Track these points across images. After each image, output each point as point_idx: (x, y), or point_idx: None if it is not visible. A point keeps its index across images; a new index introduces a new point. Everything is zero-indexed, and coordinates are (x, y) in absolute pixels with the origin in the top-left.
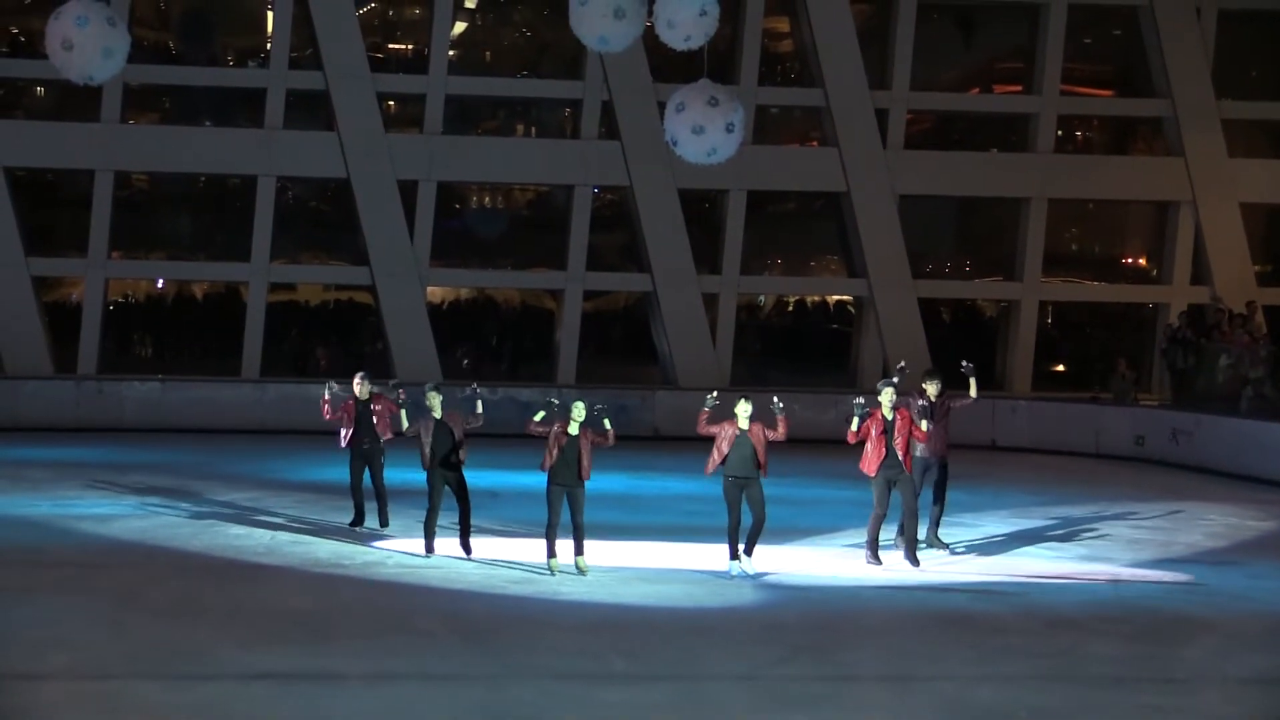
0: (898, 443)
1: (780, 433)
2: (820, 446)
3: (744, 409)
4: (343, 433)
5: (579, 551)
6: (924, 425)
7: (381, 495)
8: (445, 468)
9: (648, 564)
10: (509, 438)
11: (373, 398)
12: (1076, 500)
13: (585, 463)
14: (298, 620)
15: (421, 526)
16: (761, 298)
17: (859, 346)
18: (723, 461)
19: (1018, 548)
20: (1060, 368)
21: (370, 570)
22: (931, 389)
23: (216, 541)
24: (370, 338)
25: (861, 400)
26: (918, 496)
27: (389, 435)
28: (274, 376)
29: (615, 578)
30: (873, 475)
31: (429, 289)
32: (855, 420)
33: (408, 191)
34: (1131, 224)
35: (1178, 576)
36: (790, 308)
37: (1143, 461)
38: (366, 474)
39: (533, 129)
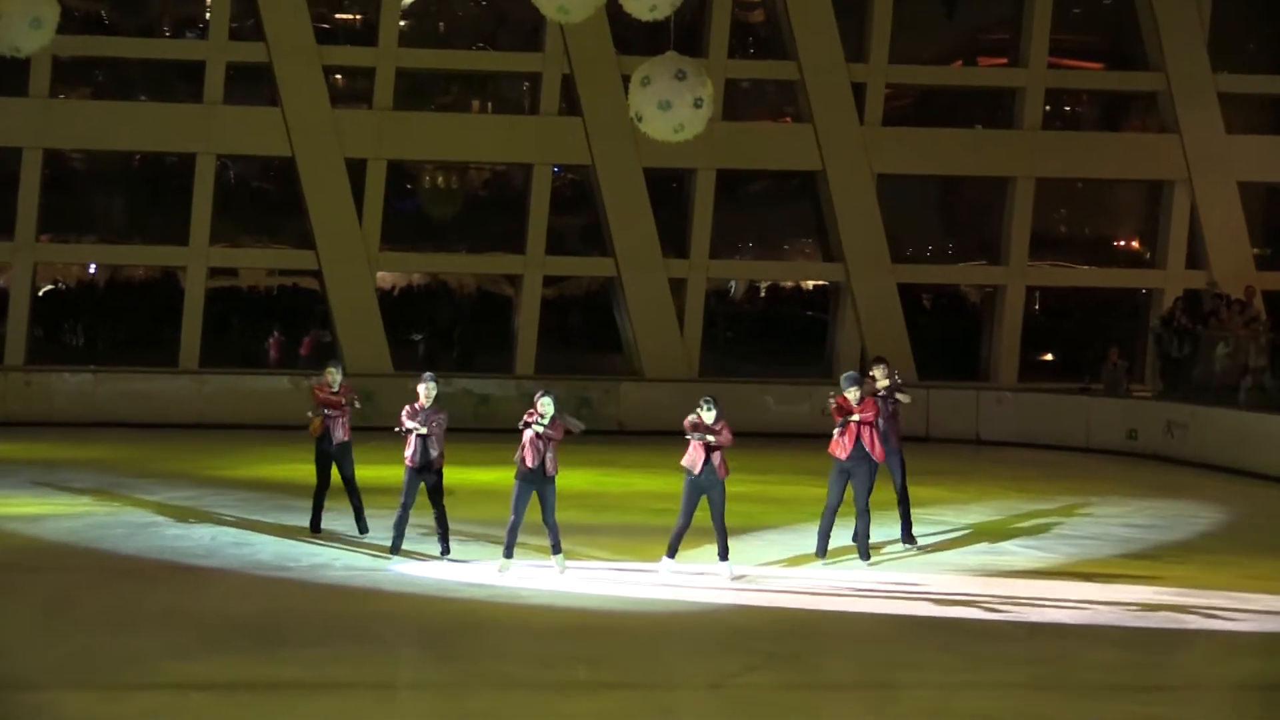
0: (864, 434)
1: (723, 438)
2: (794, 441)
3: (707, 414)
4: (326, 415)
5: (556, 550)
6: (904, 398)
7: (356, 499)
8: (421, 470)
9: (612, 566)
10: (463, 432)
11: (341, 389)
12: (1065, 497)
13: (550, 457)
14: (240, 626)
15: (391, 525)
16: (732, 283)
17: (835, 335)
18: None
19: (1002, 548)
20: (1048, 357)
21: (318, 573)
22: (880, 375)
23: (153, 543)
24: (317, 326)
25: (832, 394)
26: (870, 492)
27: (346, 435)
28: (214, 368)
29: (578, 580)
30: (843, 459)
31: (379, 274)
32: (832, 402)
33: (356, 171)
34: (1124, 205)
35: (1172, 578)
36: (762, 294)
37: (1135, 456)
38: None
39: (489, 104)
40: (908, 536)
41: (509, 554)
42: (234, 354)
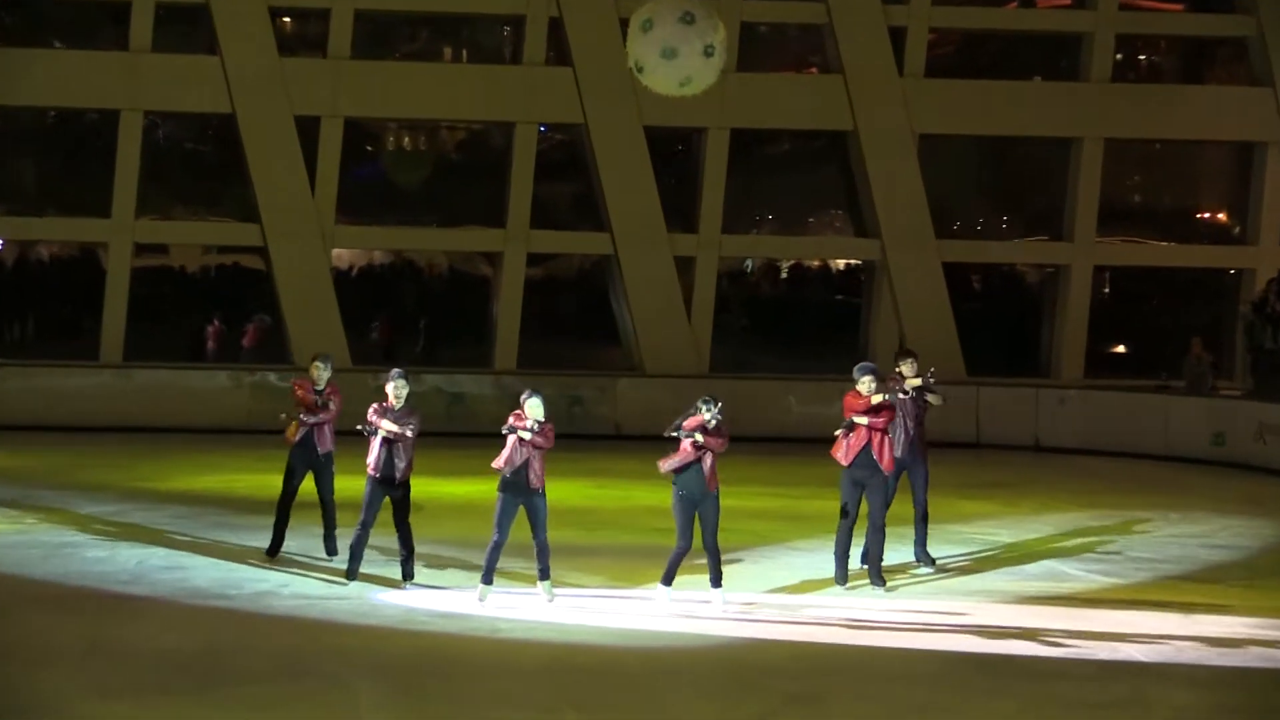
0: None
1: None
2: (820, 447)
3: (705, 414)
4: (303, 419)
5: (544, 575)
6: (934, 399)
7: (331, 518)
8: (385, 483)
9: (607, 593)
10: (434, 437)
11: (327, 389)
12: (1138, 512)
13: (536, 467)
14: (173, 663)
15: (348, 546)
16: (748, 263)
17: (869, 323)
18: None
19: (1064, 572)
20: (1119, 349)
21: (262, 602)
22: (907, 370)
23: (71, 567)
24: (262, 312)
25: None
26: (888, 507)
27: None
28: (141, 361)
29: (567, 610)
30: (845, 466)
31: (335, 252)
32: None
33: (308, 131)
34: (1208, 170)
35: (1264, 608)
36: (784, 275)
37: (1221, 465)
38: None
39: (464, 53)
40: (923, 554)
41: (489, 580)
42: (165, 345)
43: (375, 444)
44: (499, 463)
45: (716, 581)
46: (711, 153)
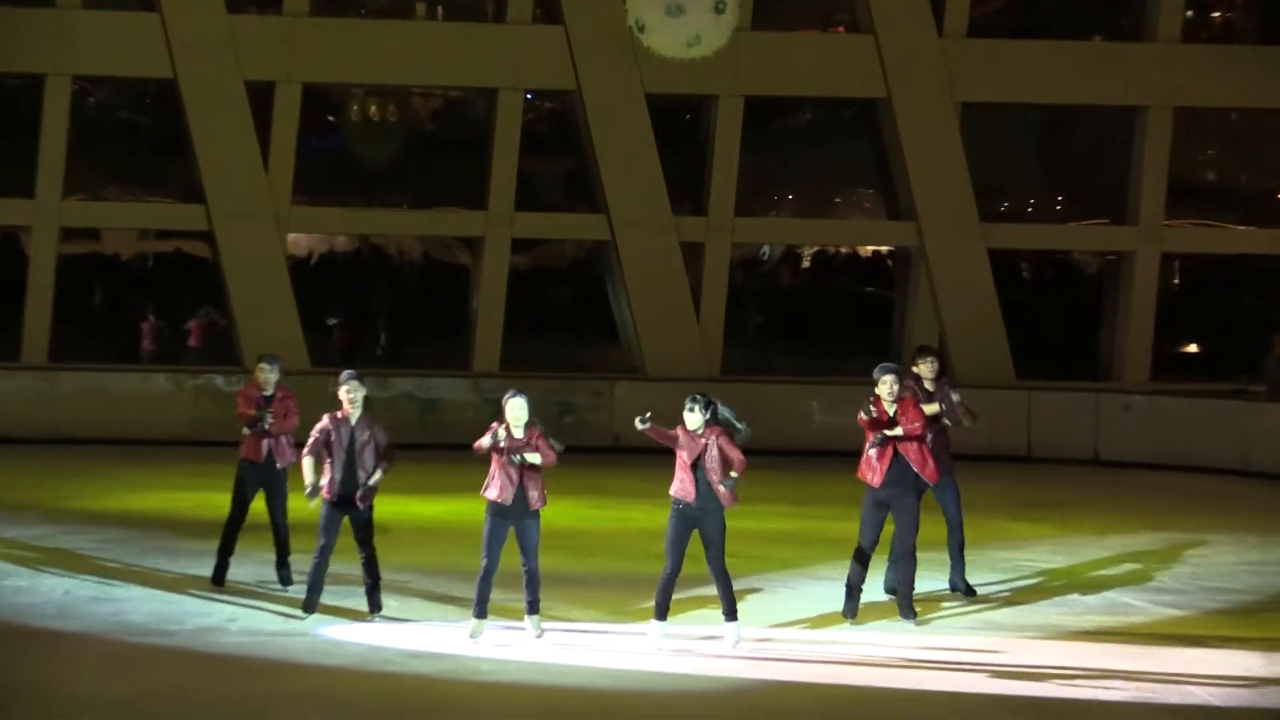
0: (908, 448)
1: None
2: (846, 462)
3: (689, 416)
4: (247, 433)
5: (532, 609)
6: (928, 408)
7: (283, 542)
8: (344, 504)
9: (602, 629)
10: (405, 449)
11: (278, 394)
12: (1211, 535)
13: (535, 487)
14: (105, 711)
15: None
16: (766, 250)
17: (904, 318)
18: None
19: (1125, 604)
20: (1191, 348)
21: (207, 639)
22: (925, 371)
23: None
24: (207, 306)
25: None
26: (917, 529)
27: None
28: (69, 362)
29: (557, 647)
30: (875, 488)
31: (291, 237)
32: (864, 416)
33: (260, 98)
34: None
35: None
36: (806, 264)
37: None
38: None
39: (439, 9)
40: (962, 582)
41: (481, 613)
42: (97, 344)
43: (308, 469)
44: (493, 494)
45: (730, 614)
46: (723, 124)
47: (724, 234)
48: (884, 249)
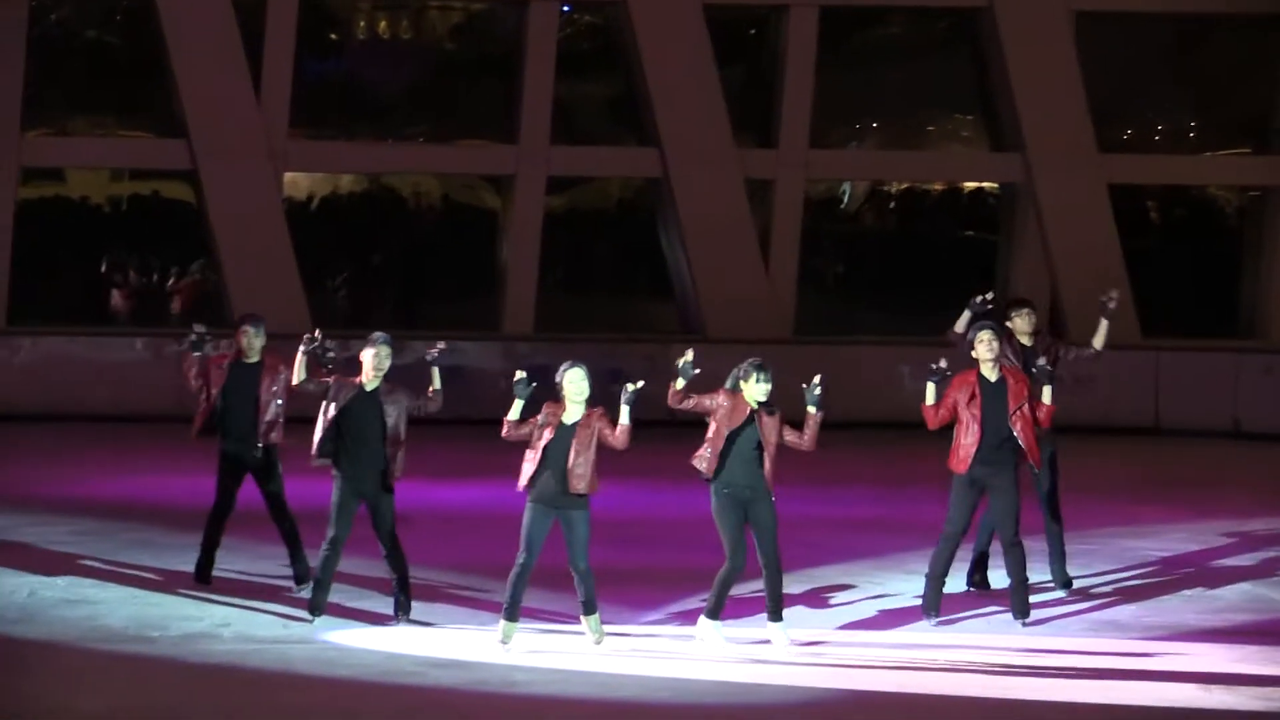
0: (1015, 421)
1: (808, 441)
2: (945, 437)
3: (757, 385)
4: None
5: (589, 610)
6: (1046, 394)
7: (292, 534)
8: (360, 480)
9: (657, 631)
10: (424, 426)
11: (265, 361)
12: None
13: (585, 468)
14: None
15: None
16: (846, 188)
17: (1009, 266)
18: (718, 462)
19: (1272, 600)
20: None
21: (196, 647)
22: (1023, 325)
23: None
24: (197, 260)
25: (943, 363)
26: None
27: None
28: (30, 326)
29: (603, 655)
30: (960, 473)
31: (288, 177)
32: (932, 389)
33: (250, 13)
34: None
35: None
36: (893, 204)
37: None
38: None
39: None
40: (1060, 575)
41: (512, 615)
42: (61, 304)
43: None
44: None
45: (776, 614)
46: (795, 39)
47: (796, 170)
48: (985, 186)
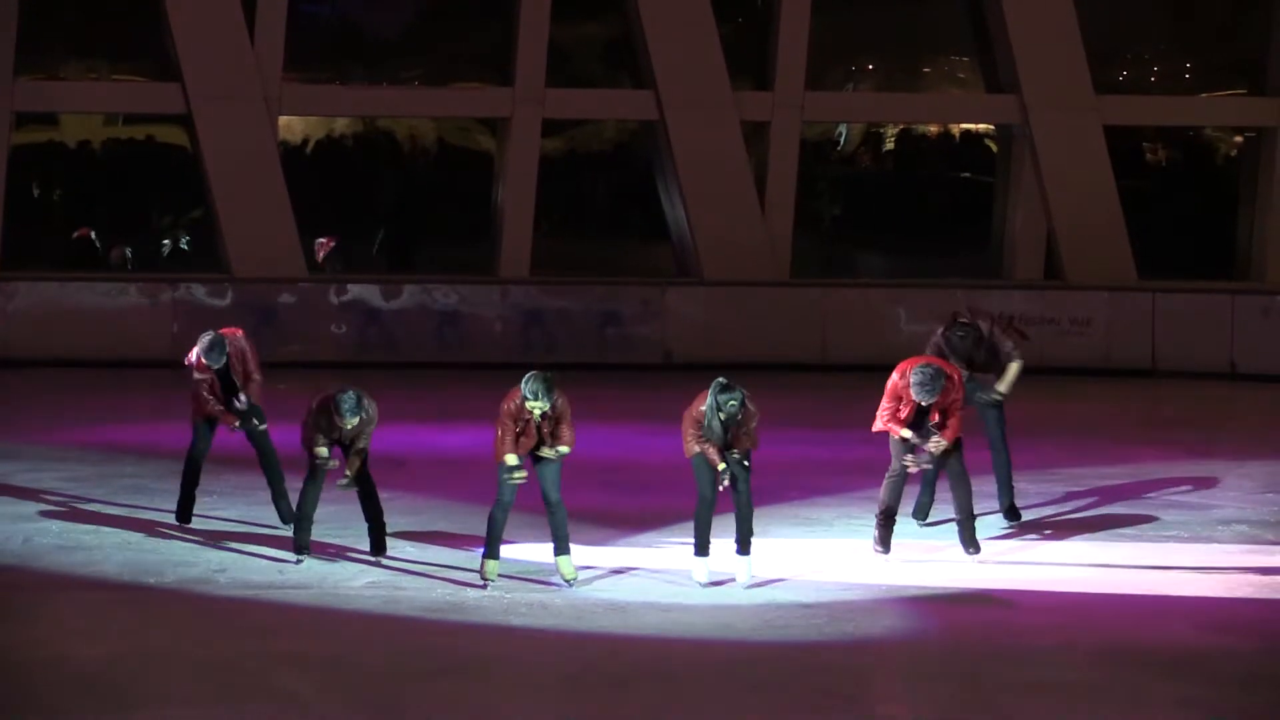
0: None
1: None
2: None
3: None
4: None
5: (561, 550)
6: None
7: (274, 471)
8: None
9: (653, 575)
10: (419, 369)
11: (229, 354)
12: None
13: (560, 440)
14: (74, 678)
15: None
16: (842, 130)
17: (1006, 210)
18: None
19: (1267, 540)
20: None
21: (191, 593)
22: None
23: None
24: (193, 207)
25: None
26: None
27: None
28: (23, 270)
29: (595, 596)
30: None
31: (282, 120)
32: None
33: None
34: None
35: None
36: (890, 146)
37: None
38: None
39: None
40: (1009, 507)
41: (493, 552)
42: (55, 250)
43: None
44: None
45: (743, 547)
46: None
47: (793, 111)
48: (982, 127)
